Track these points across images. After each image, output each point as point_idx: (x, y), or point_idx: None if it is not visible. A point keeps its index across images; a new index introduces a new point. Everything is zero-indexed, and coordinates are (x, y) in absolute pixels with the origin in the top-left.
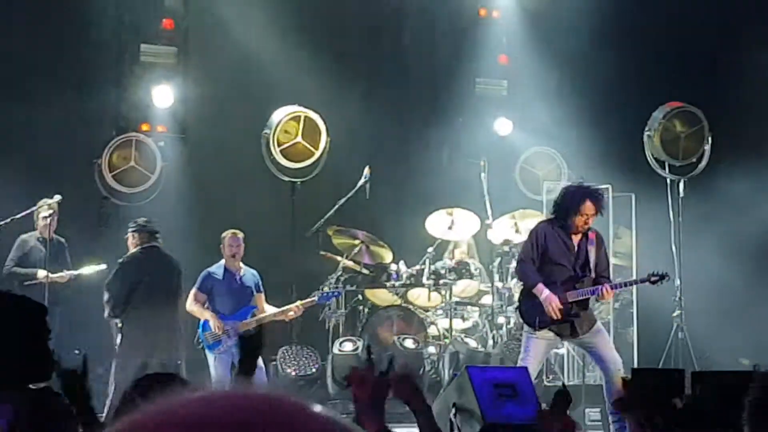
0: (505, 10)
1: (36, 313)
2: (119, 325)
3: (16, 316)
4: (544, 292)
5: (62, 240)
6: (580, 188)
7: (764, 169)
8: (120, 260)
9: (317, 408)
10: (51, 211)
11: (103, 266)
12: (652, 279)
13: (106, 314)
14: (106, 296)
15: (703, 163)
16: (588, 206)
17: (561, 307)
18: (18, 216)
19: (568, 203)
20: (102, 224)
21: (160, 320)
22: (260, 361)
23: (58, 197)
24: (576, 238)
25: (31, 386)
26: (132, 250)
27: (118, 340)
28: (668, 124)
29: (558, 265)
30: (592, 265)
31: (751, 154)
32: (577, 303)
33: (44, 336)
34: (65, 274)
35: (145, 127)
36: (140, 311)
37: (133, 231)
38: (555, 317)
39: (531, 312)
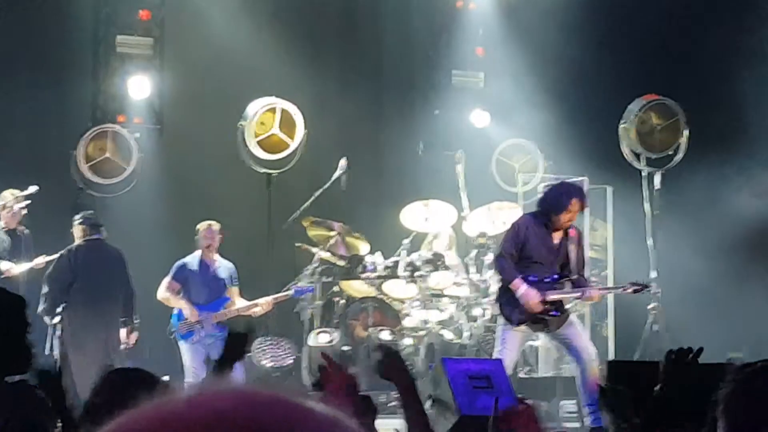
0: (482, 2)
1: (14, 306)
2: (54, 321)
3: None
4: (521, 288)
5: (26, 231)
6: (568, 186)
7: (740, 160)
8: (62, 252)
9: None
10: (15, 202)
11: (55, 256)
12: (635, 288)
13: (39, 309)
14: (44, 288)
15: (679, 155)
16: (575, 204)
17: (539, 304)
18: None
19: (556, 200)
20: (78, 213)
21: (100, 314)
22: None
23: (34, 188)
24: (557, 236)
25: (6, 379)
26: (77, 242)
27: (57, 337)
28: (644, 116)
29: (536, 262)
30: (572, 264)
31: (727, 146)
32: (554, 301)
33: (23, 329)
34: (21, 266)
35: (121, 119)
36: (79, 306)
37: (79, 223)
38: (532, 314)
39: (509, 307)
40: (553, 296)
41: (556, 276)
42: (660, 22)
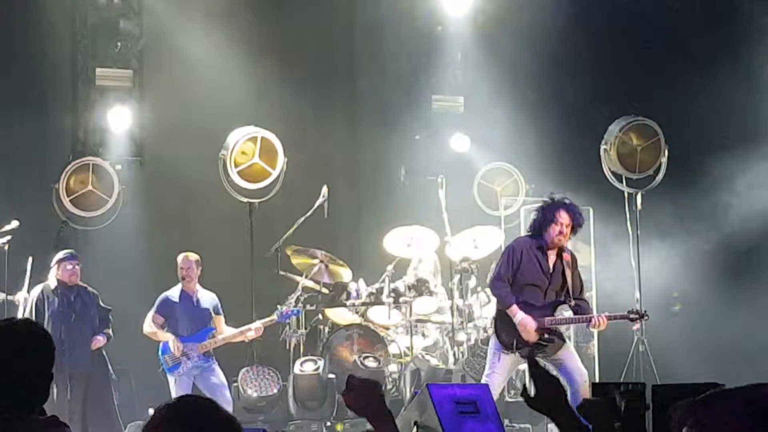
0: (460, 26)
1: (44, 339)
2: None
3: (27, 342)
4: (518, 315)
5: None
6: (556, 200)
7: (722, 180)
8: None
9: None
10: None
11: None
12: (631, 317)
13: None
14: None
15: (660, 175)
16: (563, 215)
17: (535, 333)
18: None
19: (544, 215)
20: (60, 249)
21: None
22: (223, 379)
23: (15, 223)
24: (552, 259)
25: (40, 416)
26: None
27: None
28: (624, 137)
29: (531, 285)
30: (570, 288)
31: (708, 166)
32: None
33: (51, 362)
34: None
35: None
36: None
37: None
38: (530, 341)
39: (506, 332)
40: (551, 323)
41: (556, 302)
42: (638, 43)
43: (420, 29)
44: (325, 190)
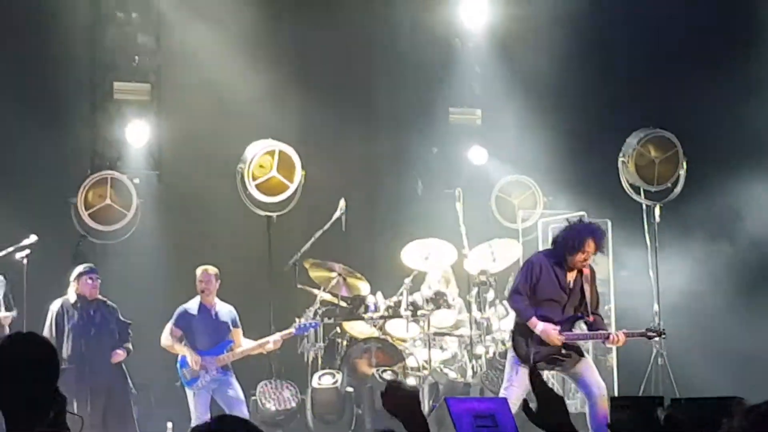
0: (478, 39)
1: (47, 352)
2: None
3: (28, 355)
4: (539, 325)
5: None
6: (584, 226)
7: (740, 192)
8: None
9: None
10: None
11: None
12: (649, 334)
13: None
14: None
15: (679, 188)
16: (590, 245)
17: (559, 338)
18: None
19: (571, 240)
20: (78, 263)
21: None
22: (241, 394)
23: (33, 237)
24: (571, 275)
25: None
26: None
27: None
28: (642, 149)
29: (549, 300)
30: (587, 302)
31: (726, 177)
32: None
33: (55, 375)
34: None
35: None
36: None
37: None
38: (555, 347)
39: (525, 345)
40: (569, 339)
41: (574, 317)
42: (656, 55)
43: (437, 42)
44: (342, 203)
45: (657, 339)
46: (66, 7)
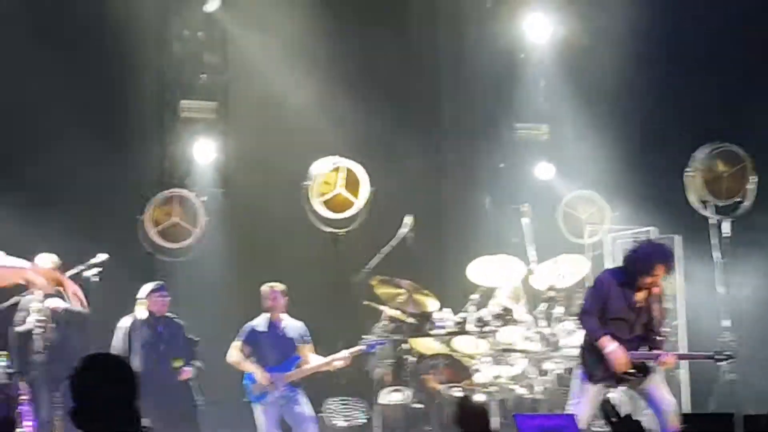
0: (543, 53)
1: (128, 372)
2: None
3: (108, 375)
4: (609, 346)
5: None
6: (654, 249)
7: None
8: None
9: None
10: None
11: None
12: (716, 357)
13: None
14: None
15: (748, 202)
16: (660, 270)
17: (626, 364)
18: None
19: (641, 263)
20: (148, 281)
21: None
22: (310, 411)
23: (104, 255)
24: (640, 294)
25: None
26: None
27: None
28: (710, 163)
29: (618, 319)
30: (655, 322)
31: None
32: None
33: (136, 397)
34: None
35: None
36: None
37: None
38: (620, 372)
39: (593, 363)
40: (636, 359)
41: (642, 337)
42: (723, 68)
43: (503, 56)
44: (408, 219)
45: (722, 343)
46: (134, 28)
